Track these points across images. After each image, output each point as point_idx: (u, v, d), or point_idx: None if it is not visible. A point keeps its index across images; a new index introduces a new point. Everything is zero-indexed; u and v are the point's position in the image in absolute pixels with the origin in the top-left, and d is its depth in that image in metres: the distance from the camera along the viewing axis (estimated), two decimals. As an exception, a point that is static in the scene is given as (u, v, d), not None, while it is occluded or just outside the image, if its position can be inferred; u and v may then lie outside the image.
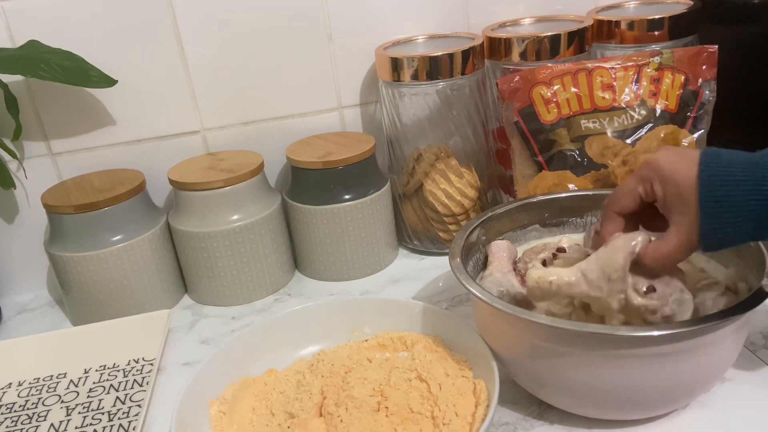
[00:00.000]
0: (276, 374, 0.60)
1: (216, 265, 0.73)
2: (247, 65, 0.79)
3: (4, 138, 0.74)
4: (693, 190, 0.44)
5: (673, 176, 0.46)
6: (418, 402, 0.52)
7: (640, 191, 0.49)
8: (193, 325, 0.73)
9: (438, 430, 0.50)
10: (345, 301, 0.65)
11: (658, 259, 0.47)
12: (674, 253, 0.47)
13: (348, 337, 0.64)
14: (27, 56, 0.69)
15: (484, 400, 0.52)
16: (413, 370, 0.56)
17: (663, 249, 0.47)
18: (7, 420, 0.61)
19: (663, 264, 0.48)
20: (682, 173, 0.45)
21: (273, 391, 0.58)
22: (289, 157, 0.76)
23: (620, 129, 0.69)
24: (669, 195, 0.46)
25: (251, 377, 0.59)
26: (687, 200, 0.45)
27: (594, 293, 0.49)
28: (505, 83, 0.70)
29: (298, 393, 0.56)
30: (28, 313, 0.80)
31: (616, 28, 0.77)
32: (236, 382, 0.58)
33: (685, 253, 0.47)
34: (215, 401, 0.56)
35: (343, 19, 0.80)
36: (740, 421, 0.51)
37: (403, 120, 0.78)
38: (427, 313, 0.62)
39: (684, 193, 0.45)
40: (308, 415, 0.53)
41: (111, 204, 0.70)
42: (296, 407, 0.54)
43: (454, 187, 0.77)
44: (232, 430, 0.54)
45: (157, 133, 0.80)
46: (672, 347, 0.46)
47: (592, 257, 0.50)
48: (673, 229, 0.46)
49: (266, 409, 0.56)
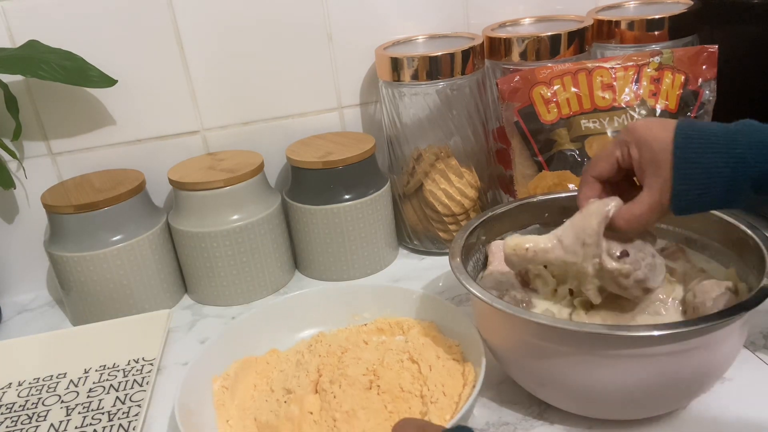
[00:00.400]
0: (278, 354, 0.63)
1: (216, 265, 0.73)
2: (247, 65, 0.79)
3: (4, 138, 0.74)
4: (668, 152, 0.45)
5: (649, 140, 0.47)
6: (409, 381, 0.55)
7: (617, 155, 0.50)
8: (193, 325, 0.73)
9: (426, 408, 0.52)
10: (346, 287, 0.69)
11: (630, 221, 0.48)
12: (646, 214, 0.48)
13: (348, 322, 0.66)
14: (27, 56, 0.69)
15: (472, 381, 0.54)
16: (406, 352, 0.58)
17: (635, 210, 0.48)
18: (7, 420, 0.61)
19: (635, 225, 0.49)
20: (658, 137, 0.46)
21: (274, 369, 0.61)
22: (289, 157, 0.76)
23: (620, 129, 0.69)
24: (644, 158, 0.47)
25: (254, 356, 0.62)
26: (661, 162, 0.46)
27: (570, 258, 0.50)
28: (505, 83, 0.70)
29: (297, 371, 0.59)
30: (28, 313, 0.80)
31: (616, 28, 0.77)
32: (240, 360, 0.61)
33: (656, 214, 0.48)
34: (219, 377, 0.58)
35: (343, 19, 0.80)
36: (740, 421, 0.51)
37: (403, 120, 0.78)
38: (424, 300, 0.65)
39: (659, 156, 0.46)
40: (304, 391, 0.55)
41: (111, 204, 0.70)
42: (293, 383, 0.57)
43: (454, 187, 0.77)
44: (233, 404, 0.57)
45: (157, 133, 0.80)
46: (672, 347, 0.46)
47: (567, 223, 0.51)
48: (646, 191, 0.47)
49: (266, 386, 0.59)
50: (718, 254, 0.58)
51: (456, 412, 0.51)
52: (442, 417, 0.51)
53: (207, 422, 0.55)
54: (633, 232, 0.50)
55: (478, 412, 0.55)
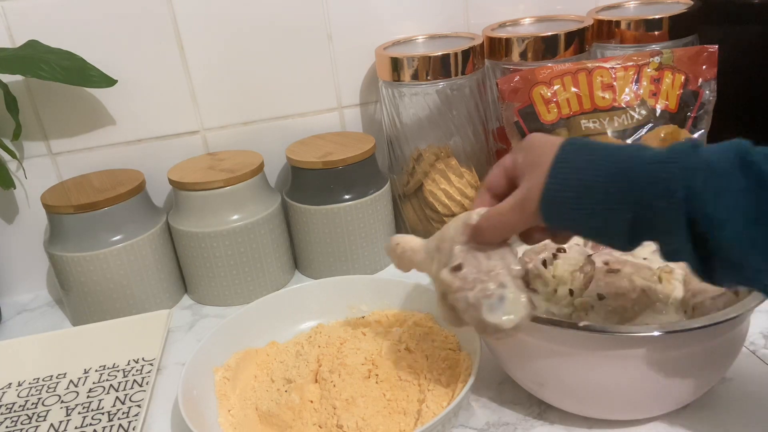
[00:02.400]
0: (277, 346, 0.63)
1: (216, 265, 0.73)
2: (247, 65, 0.79)
3: (4, 138, 0.74)
4: (550, 155, 0.42)
5: (537, 145, 0.44)
6: (406, 371, 0.56)
7: (505, 163, 0.46)
8: (193, 325, 0.73)
9: (423, 396, 0.54)
10: (343, 280, 0.69)
11: (489, 218, 0.45)
12: (507, 213, 0.44)
13: (346, 314, 0.67)
14: (27, 56, 0.69)
15: (467, 369, 0.54)
16: (403, 342, 0.59)
17: (499, 207, 0.44)
18: (7, 420, 0.61)
19: (495, 224, 0.44)
20: (547, 143, 0.43)
21: (274, 360, 0.61)
22: (289, 157, 0.76)
23: (620, 129, 0.69)
24: (527, 160, 0.44)
25: (254, 348, 0.63)
26: (541, 164, 0.42)
27: (426, 263, 0.48)
28: (505, 83, 0.70)
29: (296, 362, 0.59)
30: (28, 313, 0.80)
31: (616, 28, 0.77)
32: (240, 351, 0.62)
33: (518, 214, 0.43)
34: (220, 368, 0.59)
35: (343, 19, 0.80)
36: (740, 421, 0.51)
37: (403, 120, 0.78)
38: (421, 292, 0.65)
39: (540, 159, 0.42)
40: (304, 381, 0.56)
41: (111, 204, 0.70)
42: (294, 373, 0.58)
43: (454, 187, 0.77)
44: (234, 394, 0.58)
45: (157, 133, 0.80)
46: (672, 347, 0.46)
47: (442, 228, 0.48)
48: (515, 191, 0.44)
49: (267, 376, 0.60)
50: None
51: (452, 399, 0.52)
52: (439, 404, 0.52)
53: (209, 412, 0.55)
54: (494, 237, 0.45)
55: (478, 412, 0.55)
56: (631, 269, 0.55)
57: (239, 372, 0.60)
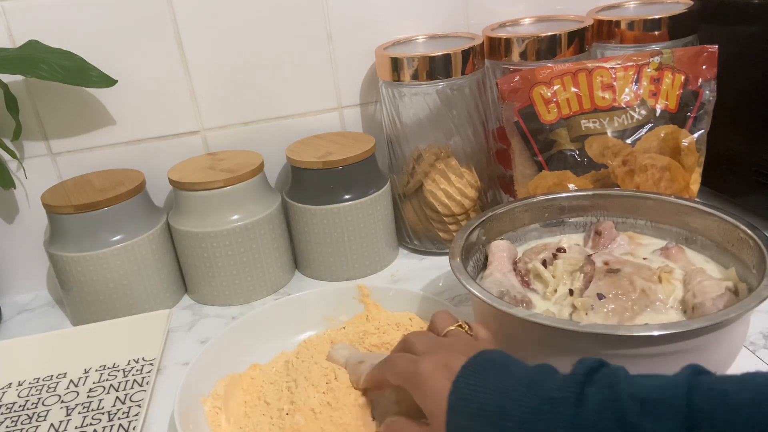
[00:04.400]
0: (261, 368, 0.61)
1: (216, 265, 0.73)
2: (247, 65, 0.79)
3: (4, 138, 0.74)
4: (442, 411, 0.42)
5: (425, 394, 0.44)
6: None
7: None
8: (193, 325, 0.73)
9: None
10: (317, 293, 0.69)
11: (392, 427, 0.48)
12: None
13: (325, 326, 0.67)
14: (27, 56, 0.69)
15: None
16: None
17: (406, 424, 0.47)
18: (7, 420, 0.61)
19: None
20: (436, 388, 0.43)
21: (262, 383, 0.59)
22: (289, 157, 0.76)
23: (620, 129, 0.69)
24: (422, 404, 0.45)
25: (237, 373, 0.60)
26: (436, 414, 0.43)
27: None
28: (505, 83, 0.70)
29: (289, 381, 0.58)
30: (28, 313, 0.80)
31: (616, 28, 0.77)
32: (224, 377, 0.59)
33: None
34: (208, 398, 0.57)
35: (343, 19, 0.80)
36: (740, 421, 0.51)
37: (403, 120, 0.78)
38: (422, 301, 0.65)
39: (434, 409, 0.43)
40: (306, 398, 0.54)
41: (111, 204, 0.70)
42: (292, 394, 0.56)
43: (454, 187, 0.77)
44: (229, 424, 0.55)
45: (157, 133, 0.80)
46: (672, 347, 0.46)
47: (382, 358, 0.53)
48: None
49: (258, 400, 0.57)
50: (718, 254, 0.58)
51: None
52: None
53: None
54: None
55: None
56: (631, 269, 0.55)
57: (228, 399, 0.57)
